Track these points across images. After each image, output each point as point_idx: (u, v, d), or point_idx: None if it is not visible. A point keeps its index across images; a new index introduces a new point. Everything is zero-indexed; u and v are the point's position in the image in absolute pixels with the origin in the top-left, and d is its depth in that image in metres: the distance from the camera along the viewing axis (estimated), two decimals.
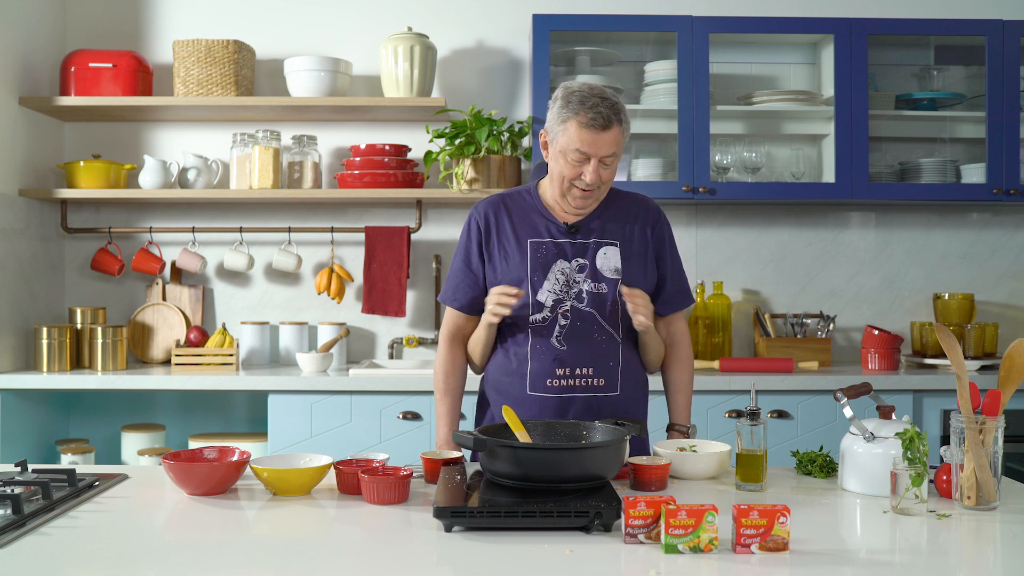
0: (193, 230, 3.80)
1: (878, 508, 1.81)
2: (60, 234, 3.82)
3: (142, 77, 3.67)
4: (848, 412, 1.96)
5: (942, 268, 3.91)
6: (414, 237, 3.84)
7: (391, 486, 1.83)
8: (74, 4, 3.85)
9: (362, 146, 3.66)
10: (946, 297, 3.74)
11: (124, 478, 2.04)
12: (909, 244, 3.91)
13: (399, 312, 3.71)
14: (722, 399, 3.30)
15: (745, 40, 3.80)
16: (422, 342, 3.85)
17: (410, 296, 3.86)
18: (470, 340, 2.34)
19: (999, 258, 3.92)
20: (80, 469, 2.10)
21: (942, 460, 1.91)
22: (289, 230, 3.79)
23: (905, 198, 3.65)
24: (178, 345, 3.58)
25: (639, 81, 3.77)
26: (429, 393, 3.25)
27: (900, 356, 3.60)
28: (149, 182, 3.65)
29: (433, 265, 3.80)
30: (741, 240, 3.90)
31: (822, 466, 2.08)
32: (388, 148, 3.65)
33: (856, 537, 1.69)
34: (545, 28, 3.54)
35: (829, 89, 3.65)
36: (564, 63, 3.75)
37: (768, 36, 3.75)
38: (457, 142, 3.55)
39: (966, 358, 3.54)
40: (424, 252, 3.87)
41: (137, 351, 3.76)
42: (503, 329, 2.27)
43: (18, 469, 2.00)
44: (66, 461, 3.40)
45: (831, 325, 3.72)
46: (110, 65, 3.61)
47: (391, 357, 3.82)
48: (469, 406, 2.90)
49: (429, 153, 3.61)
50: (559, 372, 2.19)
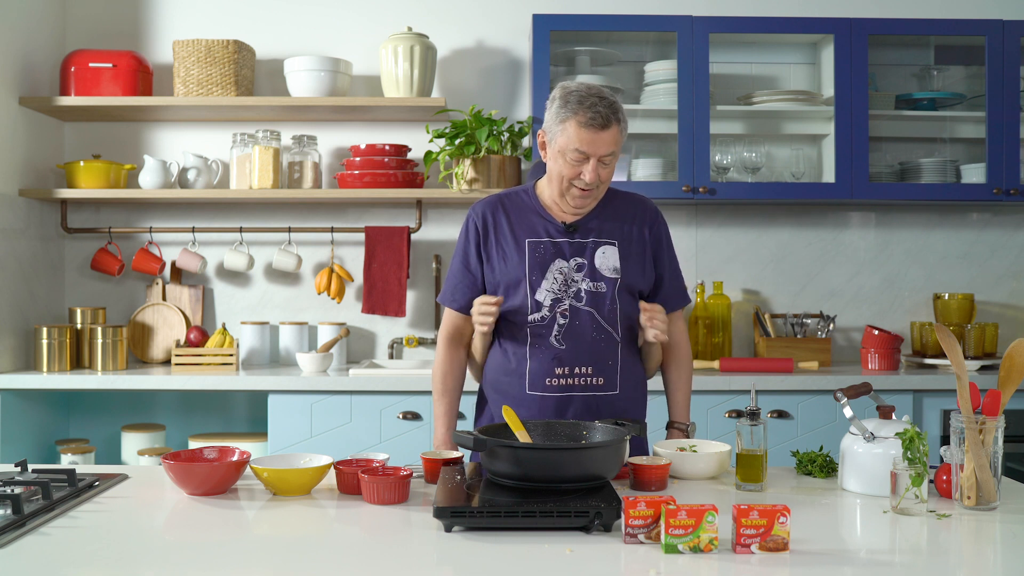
0: (193, 230, 3.81)
1: (878, 508, 1.81)
2: (60, 234, 3.82)
3: (142, 77, 3.67)
4: (848, 412, 1.96)
5: (942, 268, 3.91)
6: (414, 237, 3.84)
7: (391, 486, 1.83)
8: (74, 4, 3.85)
9: (362, 146, 3.66)
10: (946, 297, 3.74)
11: (124, 478, 2.05)
12: (909, 244, 3.91)
13: (399, 312, 3.71)
14: (722, 399, 3.30)
15: (745, 40, 3.80)
16: (422, 342, 3.85)
17: (410, 296, 3.86)
18: (471, 348, 2.37)
19: (999, 258, 3.92)
20: (80, 469, 2.10)
21: (942, 460, 1.91)
22: (289, 230, 3.79)
23: (905, 198, 3.65)
24: (178, 345, 3.58)
25: (639, 81, 3.77)
26: (429, 393, 3.24)
27: (900, 356, 3.60)
28: (149, 182, 3.65)
29: (433, 265, 3.80)
30: (741, 240, 3.90)
31: (822, 466, 2.08)
32: (388, 148, 3.65)
33: (856, 537, 1.69)
34: (545, 28, 3.54)
35: (829, 89, 3.65)
36: (564, 63, 3.75)
37: (768, 36, 3.75)
38: (457, 142, 3.55)
39: (966, 358, 3.54)
40: (424, 252, 3.87)
41: (137, 351, 3.76)
42: (502, 329, 2.27)
43: (18, 469, 2.01)
44: (66, 461, 3.40)
45: (831, 325, 3.72)
46: (110, 65, 3.61)
47: (391, 357, 3.82)
48: (468, 406, 2.91)
49: (429, 153, 3.61)
50: (558, 371, 2.19)
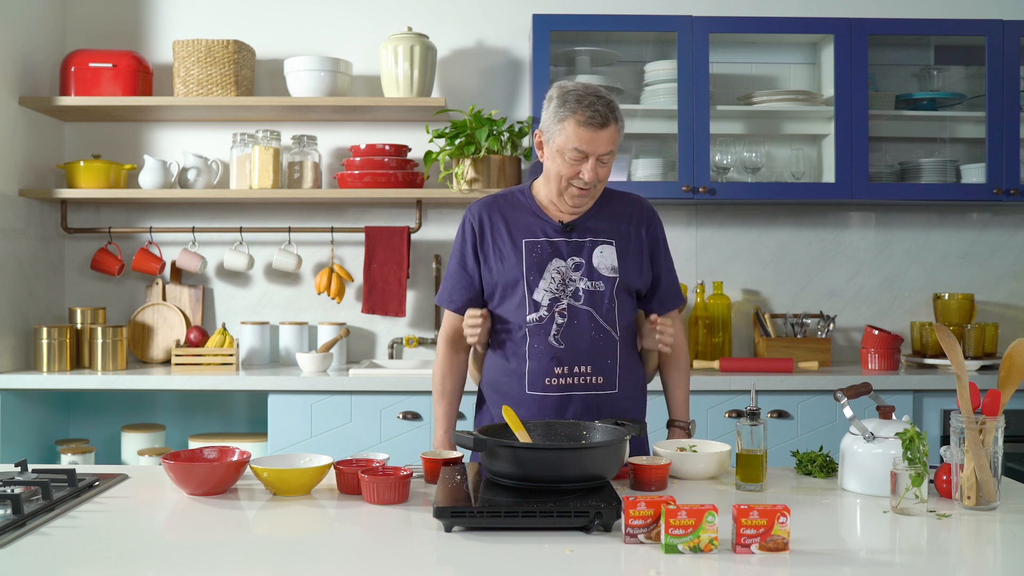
0: (193, 230, 3.80)
1: (878, 508, 1.81)
2: (60, 234, 3.82)
3: (142, 77, 3.67)
4: (848, 412, 1.96)
5: (942, 268, 3.91)
6: (414, 237, 3.84)
7: (391, 486, 1.83)
8: (74, 4, 3.85)
9: (362, 146, 3.66)
10: (946, 297, 3.74)
11: (124, 478, 2.04)
12: (909, 244, 3.91)
13: (399, 312, 3.71)
14: (722, 399, 3.30)
15: (745, 40, 3.79)
16: (422, 342, 3.84)
17: (410, 296, 3.86)
18: (469, 357, 2.38)
19: (999, 258, 3.92)
20: (80, 469, 2.10)
21: (942, 460, 1.91)
22: (289, 230, 3.79)
23: (905, 198, 3.65)
24: (178, 345, 3.58)
25: (639, 81, 3.77)
26: (429, 393, 3.24)
27: (900, 356, 3.60)
28: (149, 182, 3.65)
29: (433, 265, 3.80)
30: (741, 240, 3.90)
31: (822, 466, 2.08)
32: (388, 148, 3.65)
33: (856, 537, 1.69)
34: (545, 28, 3.54)
35: (829, 89, 3.65)
36: (564, 63, 3.75)
37: (768, 36, 3.75)
38: (457, 142, 3.55)
39: (966, 358, 3.54)
40: (424, 252, 3.87)
41: (137, 351, 3.76)
42: (500, 330, 2.27)
43: (18, 469, 2.01)
44: (66, 461, 3.40)
45: (831, 325, 3.72)
46: (110, 65, 3.61)
47: (391, 357, 3.82)
48: (468, 406, 2.91)
49: (429, 153, 3.61)
50: (557, 371, 2.19)
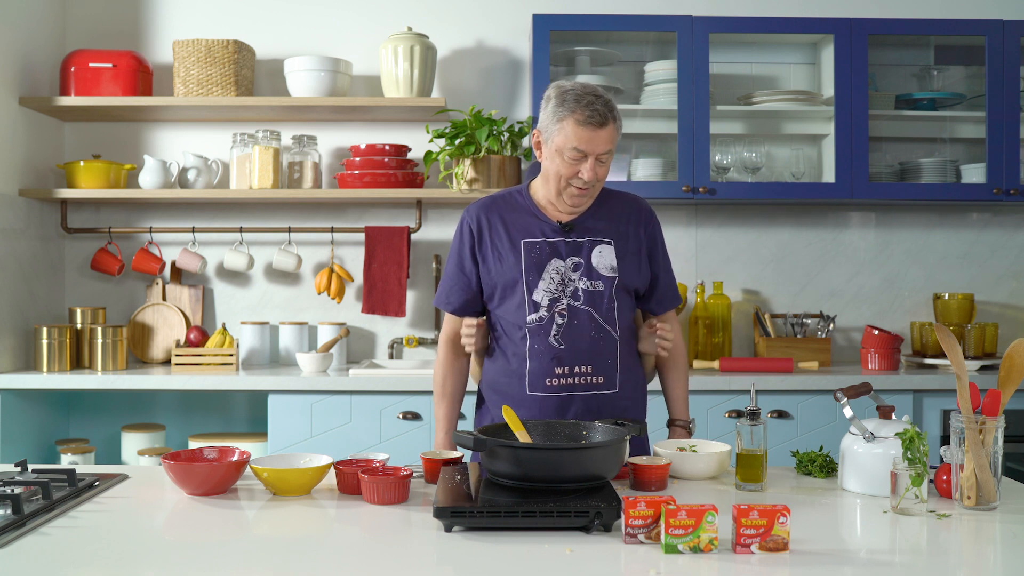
0: (193, 230, 3.80)
1: (878, 508, 1.81)
2: (60, 234, 3.82)
3: (142, 77, 3.67)
4: (848, 412, 1.96)
5: (942, 268, 3.91)
6: (414, 237, 3.84)
7: (391, 486, 1.83)
8: (74, 4, 3.84)
9: (362, 146, 3.66)
10: (946, 297, 3.74)
11: (124, 478, 2.04)
12: (909, 244, 3.91)
13: (399, 312, 3.71)
14: (722, 399, 3.30)
15: (745, 40, 3.79)
16: (422, 342, 3.84)
17: (410, 296, 3.86)
18: (471, 357, 2.39)
19: (999, 258, 3.92)
20: (80, 469, 2.10)
21: (942, 460, 1.91)
22: (289, 230, 3.79)
23: (905, 198, 3.65)
24: (178, 345, 3.58)
25: (639, 81, 3.77)
26: (429, 393, 3.25)
27: (900, 356, 3.60)
28: (149, 182, 3.65)
29: (433, 265, 3.80)
30: (741, 240, 3.90)
31: (822, 466, 2.08)
32: (388, 148, 3.65)
33: (856, 537, 1.69)
34: (545, 28, 3.54)
35: (829, 89, 3.65)
36: (564, 63, 3.75)
37: (768, 36, 3.75)
38: (457, 142, 3.55)
39: (966, 358, 3.54)
40: (424, 252, 3.87)
41: (137, 351, 3.76)
42: (500, 331, 2.27)
43: (18, 469, 2.01)
44: (66, 461, 3.40)
45: (831, 325, 3.72)
46: (110, 65, 3.61)
47: (391, 357, 3.82)
48: (469, 407, 2.91)
49: (429, 153, 3.60)
50: (558, 371, 2.19)
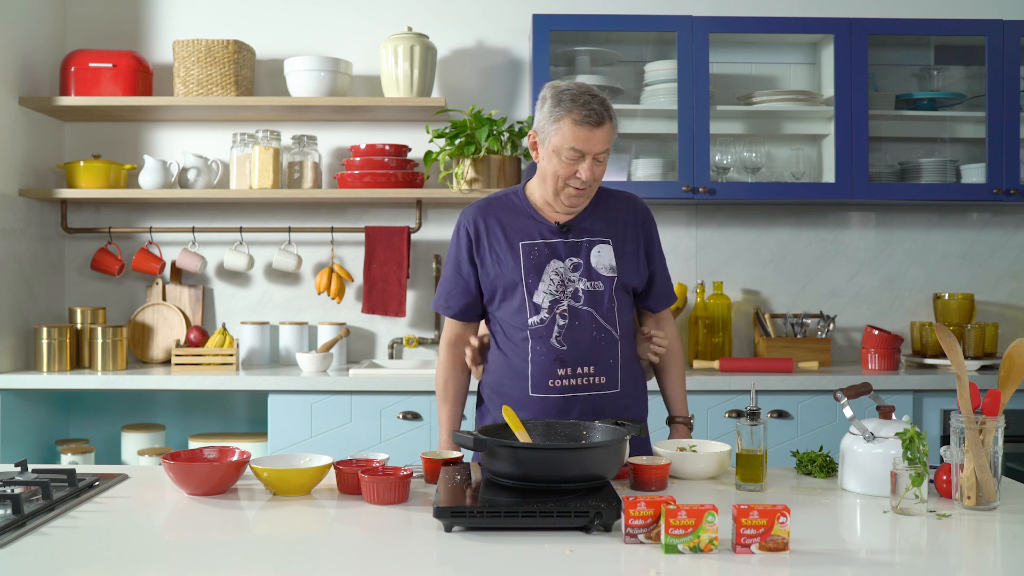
0: (193, 230, 3.80)
1: (878, 508, 1.81)
2: (60, 234, 3.82)
3: (142, 77, 3.67)
4: (848, 412, 1.96)
5: (942, 268, 3.91)
6: (414, 237, 3.84)
7: (391, 486, 1.83)
8: (74, 4, 3.84)
9: (362, 146, 3.66)
10: (946, 297, 3.74)
11: (124, 478, 2.05)
12: (909, 244, 3.91)
13: (399, 312, 3.71)
14: (722, 399, 3.30)
15: (745, 40, 3.79)
16: (422, 342, 3.84)
17: (410, 296, 3.86)
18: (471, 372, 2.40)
19: (999, 258, 3.92)
20: (80, 469, 2.10)
21: (942, 460, 1.91)
22: (289, 230, 3.79)
23: (905, 198, 3.64)
24: (178, 345, 3.58)
25: (639, 81, 3.77)
26: (429, 393, 3.25)
27: (900, 356, 3.60)
28: (149, 182, 3.65)
29: (433, 265, 3.80)
30: (741, 240, 3.89)
31: (822, 466, 2.08)
32: (388, 148, 3.65)
33: (856, 537, 1.69)
34: (545, 28, 3.54)
35: (829, 89, 3.65)
36: (564, 63, 3.75)
37: (768, 36, 3.75)
38: (457, 142, 3.55)
39: (966, 358, 3.54)
40: (424, 252, 3.87)
41: (137, 351, 3.76)
42: (500, 333, 2.27)
43: (18, 469, 2.01)
44: (66, 461, 3.40)
45: (831, 325, 3.72)
46: (110, 65, 3.61)
47: (391, 357, 3.82)
48: (470, 408, 2.91)
49: (429, 153, 3.60)
50: (560, 372, 2.18)
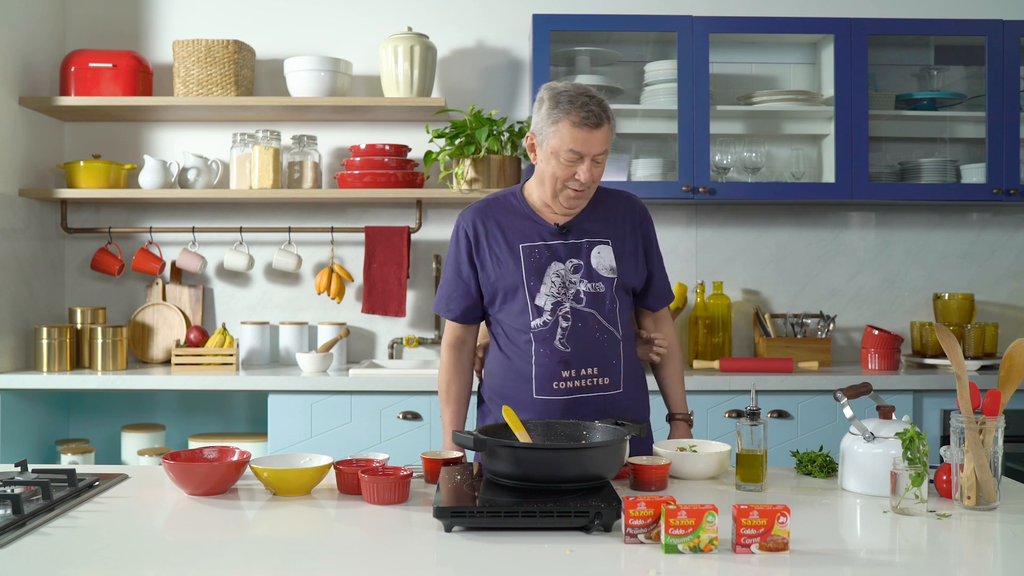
0: (193, 230, 3.80)
1: (878, 508, 1.81)
2: (60, 234, 3.82)
3: (142, 77, 3.67)
4: (848, 412, 1.96)
5: (942, 268, 3.91)
6: (414, 237, 3.84)
7: (391, 486, 1.83)
8: (74, 4, 3.84)
9: (362, 146, 3.66)
10: (946, 297, 3.74)
11: (124, 478, 2.05)
12: (909, 244, 3.91)
13: (399, 312, 3.71)
14: (722, 399, 3.30)
15: (745, 40, 3.79)
16: (422, 342, 3.84)
17: (410, 296, 3.86)
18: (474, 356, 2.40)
19: (999, 258, 3.92)
20: (80, 469, 2.10)
21: (942, 460, 1.91)
22: (289, 230, 3.79)
23: (905, 198, 3.64)
24: (178, 345, 3.58)
25: (639, 81, 3.77)
26: (429, 393, 3.25)
27: (900, 356, 3.60)
28: (149, 182, 3.65)
29: (433, 265, 3.80)
30: (741, 240, 3.89)
31: (822, 466, 2.08)
32: (388, 148, 3.65)
33: (856, 537, 1.69)
34: (545, 28, 3.54)
35: (829, 89, 3.65)
36: (564, 63, 3.75)
37: (768, 36, 3.75)
38: (457, 142, 3.55)
39: (966, 358, 3.54)
40: (424, 252, 3.87)
41: (137, 351, 3.76)
42: (503, 335, 2.26)
43: (18, 469, 2.01)
44: (66, 461, 3.40)
45: (831, 325, 3.72)
46: (110, 65, 3.61)
47: (391, 357, 3.82)
48: (472, 409, 2.91)
49: (429, 153, 3.60)
50: (564, 374, 2.18)
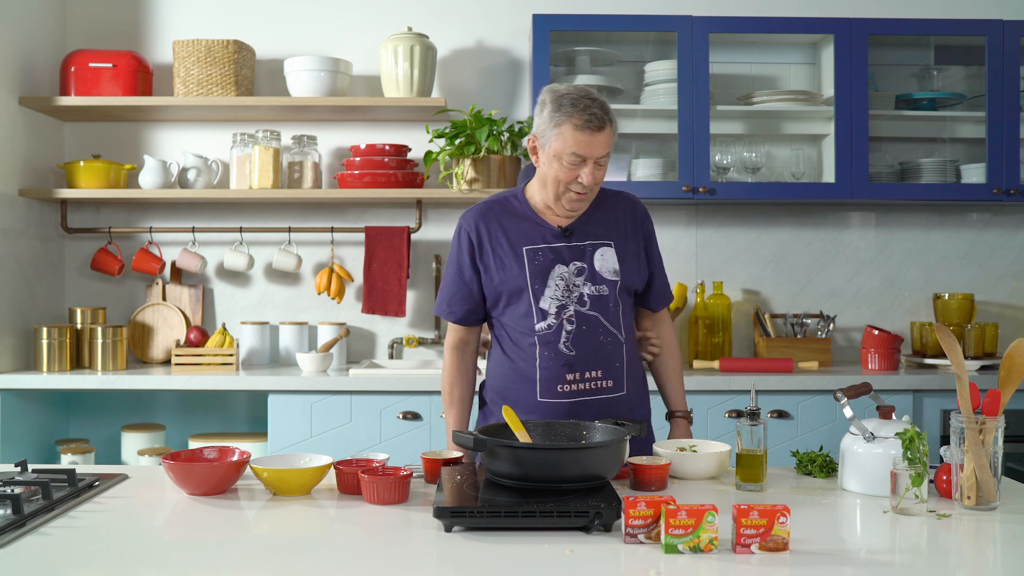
0: (193, 230, 3.80)
1: (878, 508, 1.81)
2: (60, 234, 3.82)
3: (142, 77, 3.67)
4: (848, 412, 1.96)
5: (942, 268, 3.91)
6: (414, 237, 3.84)
7: (391, 486, 1.83)
8: (74, 4, 3.84)
9: (362, 146, 3.66)
10: (946, 297, 3.74)
11: (124, 478, 2.05)
12: (909, 244, 3.91)
13: (399, 312, 3.71)
14: (722, 399, 3.30)
15: (745, 40, 3.79)
16: (422, 342, 3.84)
17: (410, 296, 3.86)
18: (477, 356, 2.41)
19: (999, 258, 3.92)
20: (80, 469, 2.10)
21: (942, 460, 1.91)
22: (289, 230, 3.79)
23: (905, 198, 3.64)
24: (178, 345, 3.58)
25: (639, 81, 3.77)
26: (429, 393, 3.25)
27: (900, 356, 3.60)
28: (149, 182, 3.65)
29: (433, 265, 3.80)
30: (741, 240, 3.90)
31: (822, 466, 2.08)
32: (388, 148, 3.65)
33: (856, 537, 1.69)
34: (545, 28, 3.54)
35: (829, 89, 3.65)
36: (564, 63, 3.75)
37: (768, 36, 3.75)
38: (457, 142, 3.55)
39: (966, 358, 3.54)
40: (424, 252, 3.87)
41: (137, 351, 3.76)
42: (507, 338, 2.26)
43: (18, 469, 2.01)
44: (66, 461, 3.40)
45: (831, 325, 3.71)
46: (110, 65, 3.61)
47: (391, 357, 3.82)
48: (474, 409, 2.91)
49: (429, 153, 3.60)
50: (569, 377, 2.18)
